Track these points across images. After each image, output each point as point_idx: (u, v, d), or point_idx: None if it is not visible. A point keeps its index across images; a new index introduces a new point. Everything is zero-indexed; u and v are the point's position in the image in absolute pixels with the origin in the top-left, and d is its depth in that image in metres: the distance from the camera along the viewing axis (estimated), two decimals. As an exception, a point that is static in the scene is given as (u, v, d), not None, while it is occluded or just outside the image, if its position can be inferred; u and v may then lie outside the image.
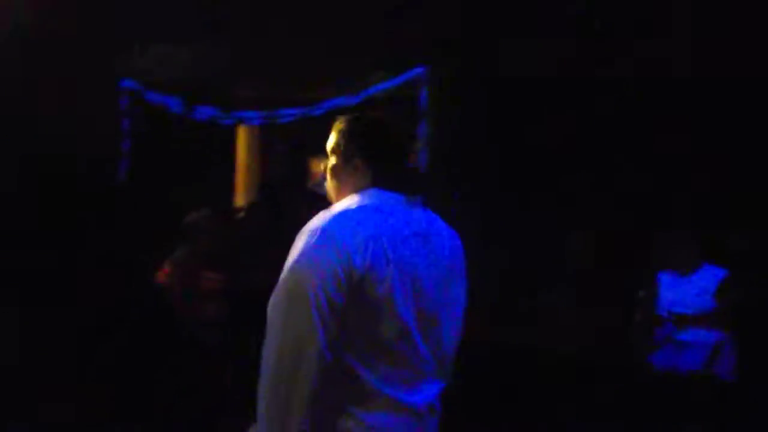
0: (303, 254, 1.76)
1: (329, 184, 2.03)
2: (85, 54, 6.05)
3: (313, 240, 1.77)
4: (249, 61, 6.31)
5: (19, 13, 5.58)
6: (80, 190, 6.19)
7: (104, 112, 6.25)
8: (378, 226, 1.81)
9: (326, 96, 6.07)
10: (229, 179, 7.86)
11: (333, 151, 2.02)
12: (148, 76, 6.20)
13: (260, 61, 6.45)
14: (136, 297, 4.34)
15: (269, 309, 1.74)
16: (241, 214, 6.99)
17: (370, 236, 1.78)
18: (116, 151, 6.23)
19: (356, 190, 1.95)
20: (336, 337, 1.73)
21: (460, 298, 2.02)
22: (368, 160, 1.96)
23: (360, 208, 1.86)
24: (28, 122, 5.87)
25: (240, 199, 7.93)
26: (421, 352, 1.84)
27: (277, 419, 1.70)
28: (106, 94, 6.26)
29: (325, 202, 2.02)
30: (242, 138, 8.18)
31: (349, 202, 1.91)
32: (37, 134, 5.91)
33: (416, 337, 1.83)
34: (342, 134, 2.01)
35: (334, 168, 2.01)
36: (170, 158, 6.41)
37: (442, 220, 2.03)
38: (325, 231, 1.78)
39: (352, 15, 5.73)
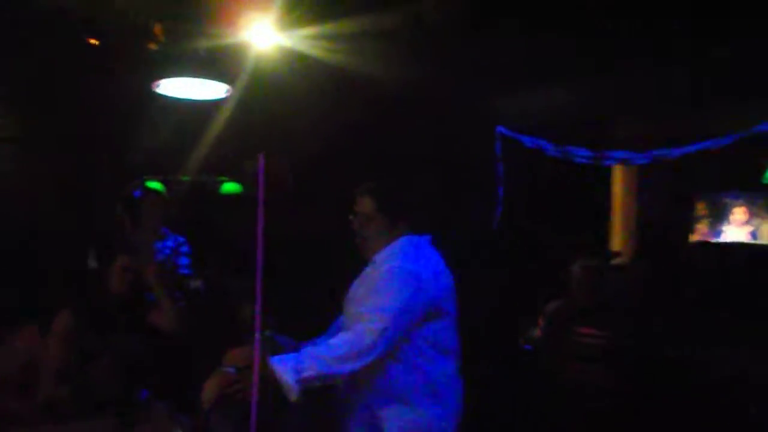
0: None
1: (366, 235, 2.66)
2: (463, 101, 6.25)
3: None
4: (626, 99, 5.88)
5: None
6: (458, 237, 6.34)
7: (482, 159, 6.37)
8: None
9: (712, 133, 5.32)
10: (605, 222, 7.43)
11: (366, 210, 2.65)
12: (522, 120, 6.16)
13: (638, 98, 5.97)
14: (504, 354, 4.07)
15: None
16: (618, 260, 6.50)
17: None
18: (492, 197, 6.28)
19: (394, 239, 2.62)
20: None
21: None
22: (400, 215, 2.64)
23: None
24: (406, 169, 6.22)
25: (617, 244, 7.44)
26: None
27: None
28: (484, 140, 6.37)
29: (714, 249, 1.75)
30: (619, 178, 7.71)
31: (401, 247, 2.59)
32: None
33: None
34: (372, 195, 2.65)
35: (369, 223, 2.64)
36: (545, 203, 6.25)
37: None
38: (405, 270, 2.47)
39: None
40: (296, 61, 6.32)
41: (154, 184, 6.33)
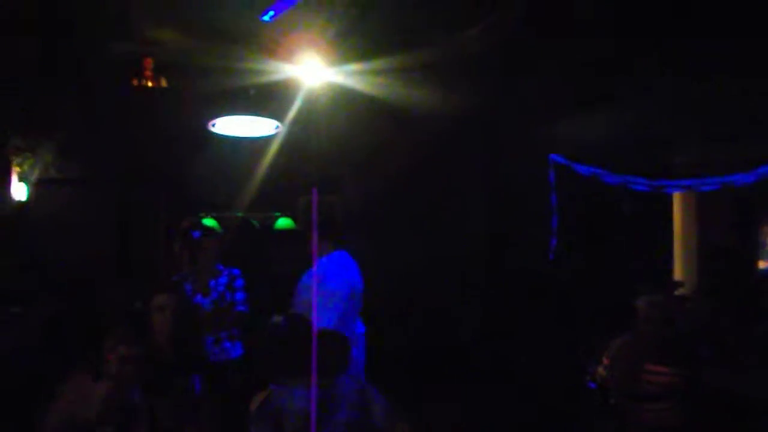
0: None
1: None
2: (513, 130, 6.17)
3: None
4: (685, 124, 5.71)
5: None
6: (512, 268, 6.23)
7: (534, 189, 6.26)
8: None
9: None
10: (667, 251, 7.18)
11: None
12: (576, 147, 6.03)
13: (698, 122, 5.80)
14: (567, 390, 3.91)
15: None
16: (681, 290, 6.27)
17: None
18: (547, 229, 6.15)
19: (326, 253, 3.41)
20: None
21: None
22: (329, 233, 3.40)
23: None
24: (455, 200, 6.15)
25: (679, 273, 7.19)
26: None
27: None
28: (536, 169, 6.27)
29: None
30: (678, 205, 7.48)
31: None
32: (465, 216, 6.16)
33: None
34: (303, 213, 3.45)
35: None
36: (603, 233, 6.09)
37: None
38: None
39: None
40: (345, 96, 6.37)
41: (209, 221, 6.41)
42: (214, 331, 3.77)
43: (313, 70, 6.14)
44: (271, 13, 5.84)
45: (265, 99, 6.49)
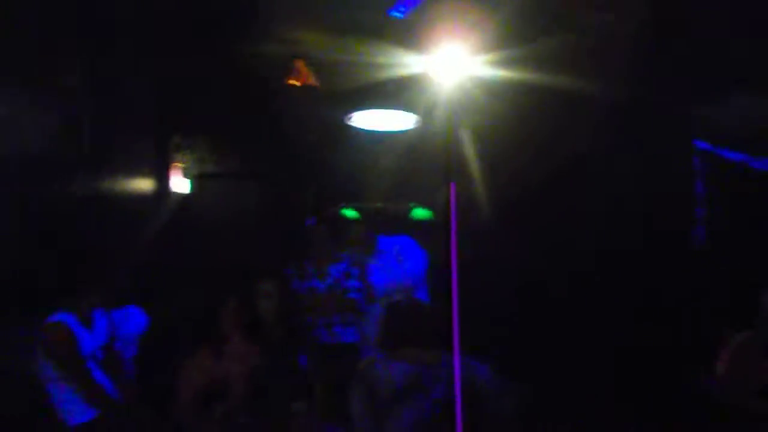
0: None
1: None
2: (660, 114, 5.87)
3: None
4: None
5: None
6: (656, 256, 5.91)
7: (679, 176, 5.89)
8: None
9: None
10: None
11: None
12: (723, 133, 5.59)
13: None
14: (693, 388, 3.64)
15: None
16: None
17: None
18: (692, 217, 5.76)
19: None
20: None
21: None
22: None
23: None
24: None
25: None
26: None
27: None
28: (681, 156, 5.89)
29: None
30: None
31: None
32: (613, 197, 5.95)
33: None
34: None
35: None
36: (755, 222, 5.60)
37: None
38: None
39: None
40: (486, 87, 6.35)
41: (349, 212, 6.71)
42: (326, 314, 3.96)
43: (453, 60, 6.19)
44: (402, 8, 5.96)
45: (403, 93, 6.64)
